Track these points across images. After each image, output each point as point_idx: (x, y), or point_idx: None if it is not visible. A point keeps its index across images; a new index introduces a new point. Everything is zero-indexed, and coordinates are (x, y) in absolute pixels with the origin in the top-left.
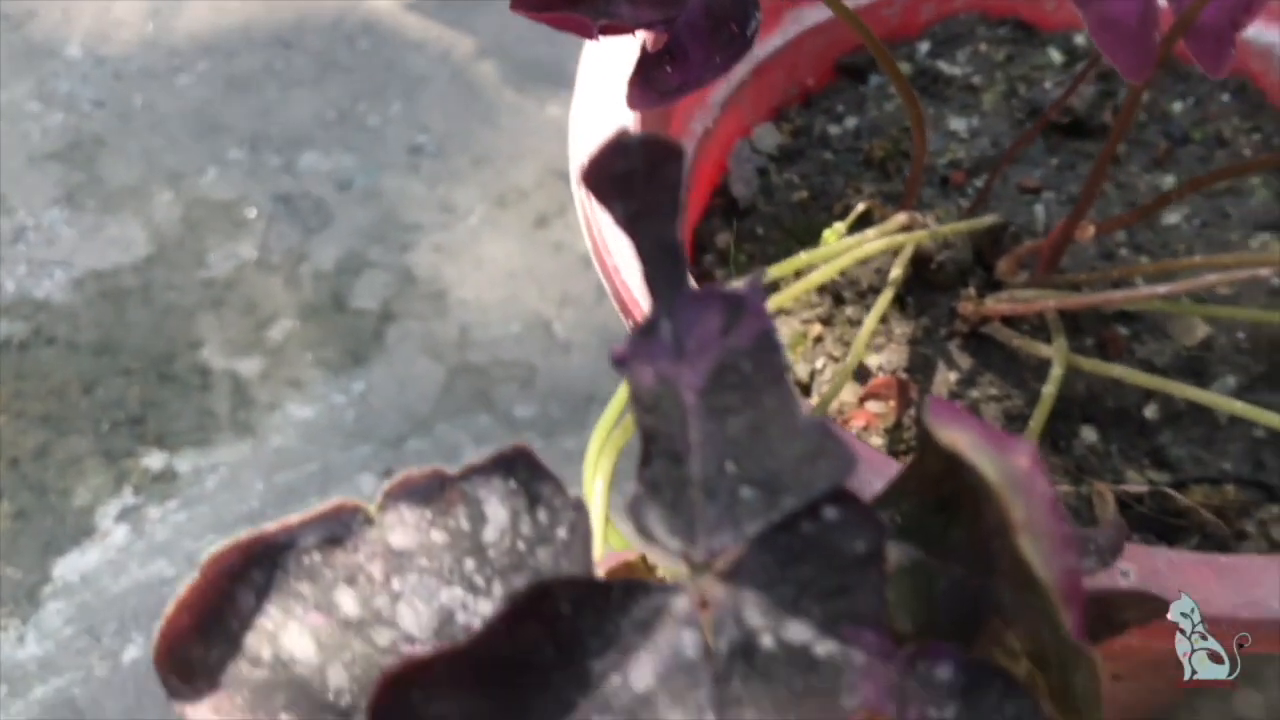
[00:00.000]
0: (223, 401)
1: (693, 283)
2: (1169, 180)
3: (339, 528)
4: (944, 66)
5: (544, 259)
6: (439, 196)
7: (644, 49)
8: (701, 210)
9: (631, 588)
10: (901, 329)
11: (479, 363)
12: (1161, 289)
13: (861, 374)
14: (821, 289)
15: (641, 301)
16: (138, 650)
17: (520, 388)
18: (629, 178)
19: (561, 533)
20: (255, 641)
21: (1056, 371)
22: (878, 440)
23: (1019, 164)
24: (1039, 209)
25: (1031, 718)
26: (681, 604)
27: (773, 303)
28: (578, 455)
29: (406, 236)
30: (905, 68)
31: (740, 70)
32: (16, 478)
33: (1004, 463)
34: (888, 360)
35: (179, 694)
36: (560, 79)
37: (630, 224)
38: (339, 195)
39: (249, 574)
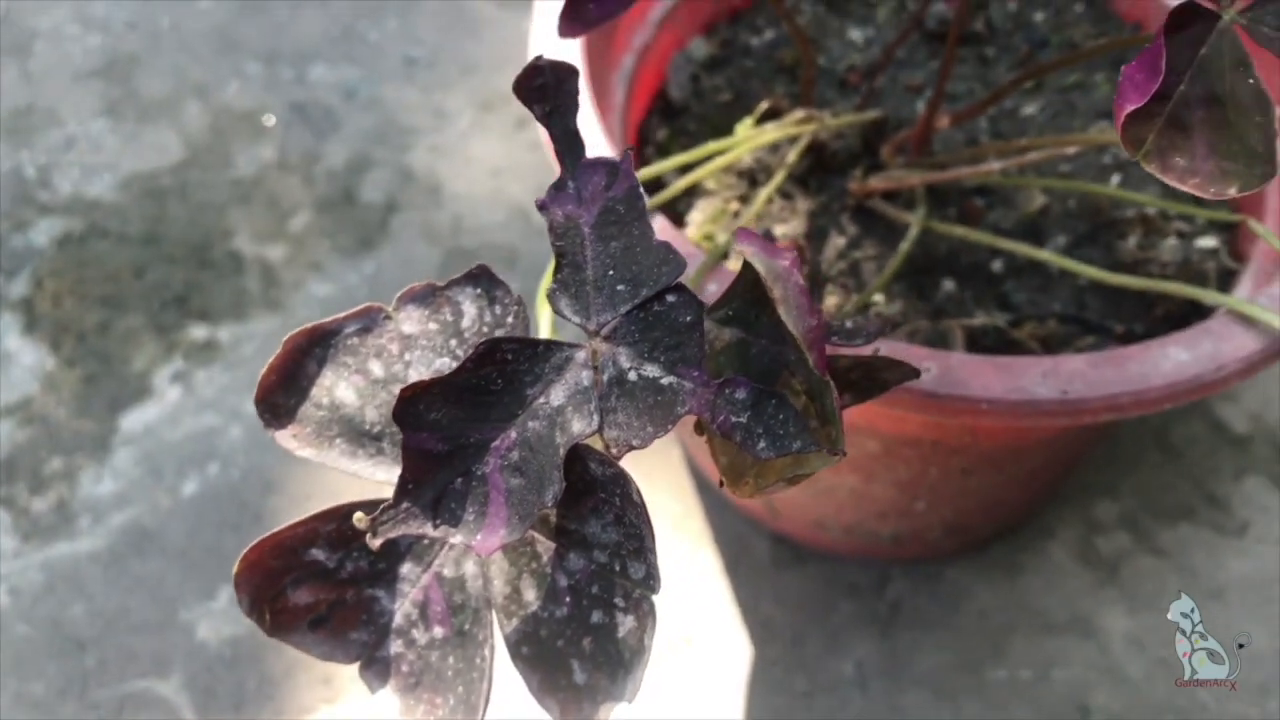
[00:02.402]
0: (255, 282)
1: (588, 154)
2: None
3: (369, 321)
4: None
5: (524, 157)
6: (432, 103)
7: None
8: (644, 111)
9: (550, 345)
10: (804, 205)
11: (470, 246)
12: (997, 165)
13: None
14: (740, 173)
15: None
16: (194, 486)
17: (505, 267)
18: (543, 89)
19: (510, 319)
20: (318, 393)
21: (913, 231)
22: None
23: (906, 67)
24: (920, 105)
25: (792, 418)
26: (581, 355)
27: (694, 181)
28: None
29: (405, 139)
30: None
31: None
32: (84, 349)
33: (770, 262)
34: (792, 229)
35: (270, 424)
36: None
37: (546, 119)
38: (345, 103)
39: (312, 350)
